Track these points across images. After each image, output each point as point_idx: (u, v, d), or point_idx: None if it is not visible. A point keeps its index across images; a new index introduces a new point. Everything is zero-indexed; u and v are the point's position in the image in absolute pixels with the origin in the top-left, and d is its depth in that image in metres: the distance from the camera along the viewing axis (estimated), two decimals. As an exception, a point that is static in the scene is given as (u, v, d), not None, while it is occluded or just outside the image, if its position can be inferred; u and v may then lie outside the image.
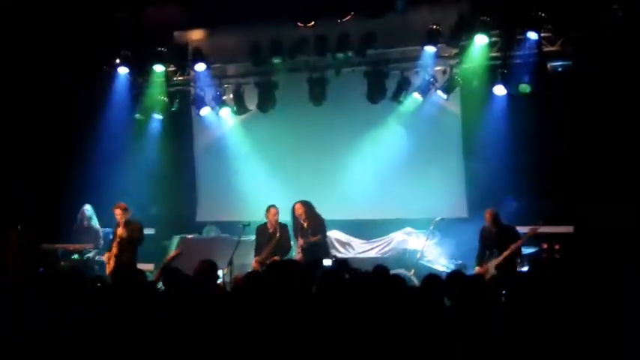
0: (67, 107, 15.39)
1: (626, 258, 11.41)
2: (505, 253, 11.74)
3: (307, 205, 13.03)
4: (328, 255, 12.63)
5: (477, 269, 12.02)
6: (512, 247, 11.77)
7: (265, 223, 13.08)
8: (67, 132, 15.48)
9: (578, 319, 5.71)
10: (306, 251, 12.66)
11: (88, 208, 14.42)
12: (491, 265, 11.79)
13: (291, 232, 13.21)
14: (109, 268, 12.67)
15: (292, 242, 13.20)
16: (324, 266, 10.14)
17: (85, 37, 14.88)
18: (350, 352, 5.50)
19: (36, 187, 15.33)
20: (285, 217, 13.25)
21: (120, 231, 12.68)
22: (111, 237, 13.21)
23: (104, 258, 13.08)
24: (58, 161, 15.45)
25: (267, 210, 13.04)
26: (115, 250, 12.68)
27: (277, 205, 13.11)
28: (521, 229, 12.09)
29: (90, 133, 15.32)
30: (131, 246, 12.76)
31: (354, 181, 14.92)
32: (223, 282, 12.01)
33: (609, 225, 12.31)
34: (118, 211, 12.79)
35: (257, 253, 13.01)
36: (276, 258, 12.30)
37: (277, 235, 12.92)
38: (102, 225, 14.46)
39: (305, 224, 12.94)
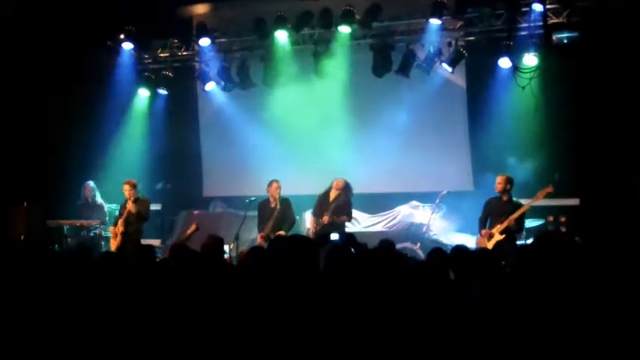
0: (71, 83, 15.36)
1: (632, 232, 11.40)
2: (513, 216, 11.50)
3: (348, 185, 13.06)
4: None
5: (479, 238, 11.96)
6: (522, 209, 11.58)
7: (267, 199, 13.08)
8: (72, 108, 15.46)
9: (584, 291, 5.70)
10: (327, 229, 12.47)
11: (91, 185, 14.42)
12: (496, 230, 11.66)
13: (301, 208, 13.21)
14: (114, 244, 12.71)
15: (297, 217, 13.26)
16: (332, 240, 10.15)
17: (90, 12, 14.82)
18: (356, 326, 5.51)
19: (41, 163, 15.33)
20: (288, 192, 13.25)
21: (129, 205, 12.70)
22: (117, 213, 13.24)
23: (110, 231, 13.12)
24: (62, 138, 15.43)
25: (269, 184, 13.03)
26: (120, 226, 12.70)
27: (282, 179, 13.11)
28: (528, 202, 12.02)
29: (95, 109, 15.31)
30: (138, 223, 12.79)
31: (360, 155, 14.92)
32: (230, 257, 12.05)
33: (616, 198, 12.31)
34: (126, 187, 12.78)
35: (260, 228, 13.03)
36: (281, 232, 12.34)
37: (278, 208, 12.92)
38: (106, 201, 14.47)
39: (333, 195, 12.97)
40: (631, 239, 10.92)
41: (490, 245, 11.46)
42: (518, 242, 11.81)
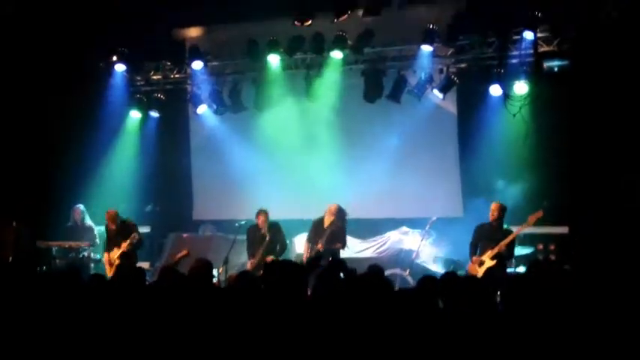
0: (63, 104, 15.35)
1: (621, 260, 11.41)
2: (504, 242, 11.53)
3: (341, 209, 13.01)
4: None
5: (469, 265, 11.94)
6: (513, 234, 11.63)
7: (256, 224, 13.08)
8: (63, 129, 15.45)
9: (573, 319, 5.71)
10: (322, 255, 12.31)
11: (81, 208, 14.40)
12: (487, 257, 11.65)
13: (291, 232, 13.20)
14: (110, 271, 12.74)
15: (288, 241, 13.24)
16: (321, 266, 10.14)
17: (82, 34, 14.84)
18: (344, 352, 5.50)
19: (31, 183, 15.29)
20: (278, 216, 13.24)
21: (124, 246, 12.80)
22: (106, 236, 13.27)
23: (104, 259, 13.12)
24: (53, 158, 15.43)
25: (257, 215, 13.07)
26: (117, 260, 12.74)
27: (272, 203, 13.12)
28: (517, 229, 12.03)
29: (86, 131, 15.30)
30: (133, 252, 12.86)
31: (350, 179, 14.91)
32: (219, 281, 12.01)
33: (605, 226, 12.33)
34: (107, 216, 13.08)
35: (249, 253, 13.04)
36: (271, 257, 12.34)
37: (268, 237, 12.91)
38: (96, 222, 14.44)
39: (328, 222, 12.92)
40: (617, 267, 10.95)
41: (481, 272, 11.46)
42: (508, 270, 11.81)
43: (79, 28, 14.75)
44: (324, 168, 15.14)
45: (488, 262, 11.58)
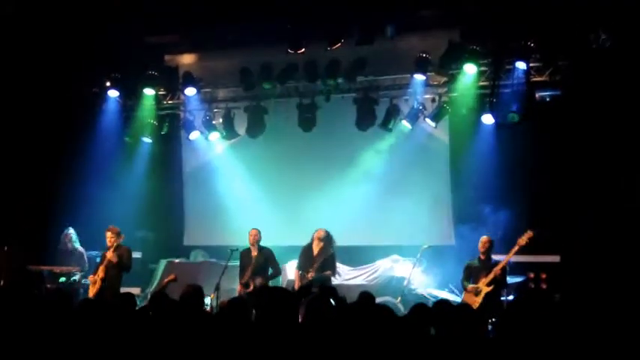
0: (56, 129, 15.37)
1: (612, 288, 11.44)
2: (498, 267, 11.56)
3: (329, 235, 12.93)
4: None
5: (465, 295, 11.93)
6: (508, 256, 11.61)
7: (249, 247, 13.06)
8: (56, 153, 15.46)
9: (564, 347, 5.71)
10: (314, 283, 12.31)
11: (71, 232, 14.35)
12: (482, 284, 11.64)
13: (284, 259, 13.18)
14: (93, 290, 12.62)
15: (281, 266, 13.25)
16: (312, 293, 10.12)
17: (75, 59, 14.87)
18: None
19: (23, 207, 15.27)
20: (270, 242, 13.23)
21: (109, 255, 12.63)
22: (98, 260, 13.20)
23: (89, 279, 13.04)
24: (46, 182, 15.42)
25: (249, 232, 13.05)
26: (101, 273, 12.63)
27: (264, 230, 13.10)
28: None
29: (79, 156, 15.29)
30: (117, 270, 12.70)
31: (342, 207, 14.91)
32: (211, 307, 11.97)
33: (597, 254, 12.36)
34: (109, 234, 12.78)
35: (240, 276, 12.99)
36: (256, 282, 12.35)
37: (256, 255, 12.90)
38: (87, 248, 14.38)
39: (317, 250, 12.84)
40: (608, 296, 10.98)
41: (479, 299, 11.45)
42: (501, 298, 11.82)
43: (72, 54, 14.78)
44: (315, 195, 15.19)
45: (485, 289, 11.57)
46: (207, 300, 11.66)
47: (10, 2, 13.95)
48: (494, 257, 11.89)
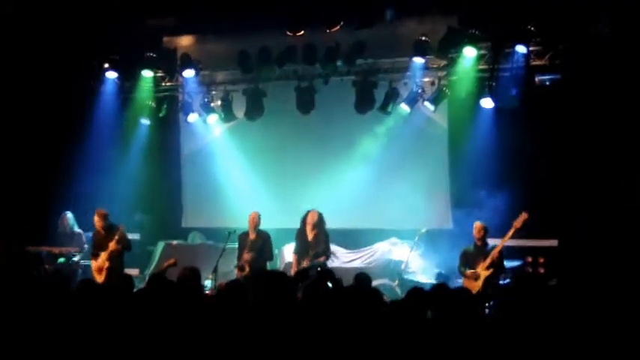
0: (54, 111, 15.34)
1: (610, 272, 11.45)
2: (495, 250, 11.58)
3: (321, 217, 12.81)
4: None
5: (464, 281, 11.92)
6: (504, 239, 11.62)
7: (248, 231, 13.06)
8: (54, 135, 15.44)
9: (561, 332, 5.72)
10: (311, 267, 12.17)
11: (69, 216, 14.32)
12: (481, 268, 11.65)
13: (281, 241, 13.16)
14: (101, 278, 12.68)
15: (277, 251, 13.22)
16: (310, 276, 10.13)
17: (74, 41, 14.83)
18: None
19: (21, 190, 15.27)
20: (268, 225, 13.23)
21: (112, 246, 12.72)
22: (92, 242, 13.24)
23: (92, 265, 13.07)
24: (44, 164, 15.41)
25: (249, 215, 13.05)
26: (106, 262, 12.70)
27: (262, 212, 13.09)
28: (507, 242, 12.01)
29: (77, 137, 15.28)
30: (120, 255, 12.81)
31: (340, 190, 14.90)
32: (211, 290, 11.97)
33: (594, 238, 12.38)
34: (96, 219, 13.00)
35: (237, 259, 12.99)
36: (249, 255, 12.40)
37: (253, 238, 12.89)
38: (85, 229, 14.38)
39: (311, 235, 12.76)
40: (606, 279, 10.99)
41: (479, 283, 11.46)
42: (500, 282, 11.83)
43: (71, 35, 14.75)
44: (314, 178, 15.20)
45: (484, 273, 11.58)
46: (205, 282, 11.67)
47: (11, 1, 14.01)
48: (491, 242, 11.91)
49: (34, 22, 14.61)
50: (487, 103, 13.35)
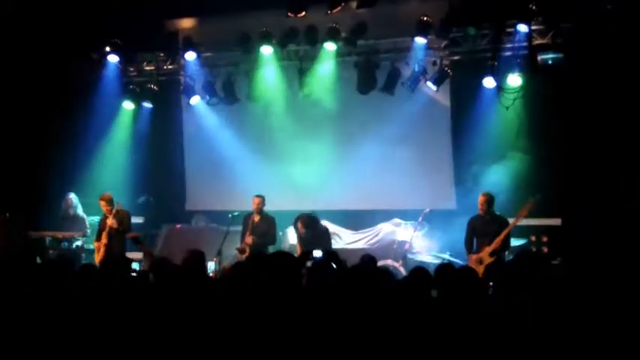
0: (55, 95, 15.33)
1: (613, 252, 11.45)
2: (499, 237, 11.59)
3: (309, 221, 12.76)
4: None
5: (471, 257, 11.95)
6: (507, 229, 11.65)
7: (251, 213, 13.09)
8: (56, 119, 15.43)
9: (565, 311, 5.73)
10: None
11: (72, 197, 14.37)
12: (485, 253, 11.68)
13: (285, 223, 13.22)
14: (98, 257, 12.76)
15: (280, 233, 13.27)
16: (314, 257, 10.14)
17: (76, 24, 14.80)
18: (338, 342, 5.51)
19: (24, 174, 15.28)
20: (271, 207, 13.26)
21: (110, 221, 12.76)
22: (98, 226, 13.28)
23: (94, 246, 13.13)
24: (46, 148, 15.41)
25: (253, 199, 13.09)
26: (105, 239, 12.75)
27: (265, 194, 13.12)
28: (510, 221, 12.03)
29: (79, 121, 15.29)
30: (120, 235, 12.85)
31: (343, 171, 14.94)
32: (215, 273, 12.01)
33: (598, 218, 12.36)
34: (102, 203, 13.04)
35: (240, 241, 13.03)
36: (250, 239, 12.38)
37: (256, 221, 12.94)
38: (88, 213, 14.43)
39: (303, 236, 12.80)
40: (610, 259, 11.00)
41: (482, 269, 11.44)
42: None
43: (73, 19, 14.71)
44: (316, 159, 15.19)
45: (488, 259, 11.60)
46: (210, 265, 11.69)
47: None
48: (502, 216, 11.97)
49: (36, 6, 14.57)
50: (489, 82, 13.31)
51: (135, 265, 8.76)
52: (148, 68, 15.91)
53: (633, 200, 12.19)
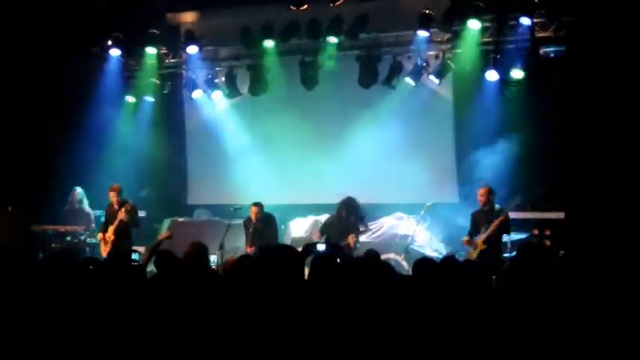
0: (58, 89, 15.33)
1: (616, 245, 11.45)
2: (492, 226, 11.62)
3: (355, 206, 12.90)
4: None
5: (464, 239, 12.01)
6: (497, 221, 11.66)
7: (250, 217, 13.11)
8: (58, 113, 15.43)
9: (566, 304, 5.73)
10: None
11: (79, 191, 14.41)
12: (480, 240, 11.73)
13: (286, 217, 13.21)
14: (105, 250, 12.74)
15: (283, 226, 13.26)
16: (317, 250, 10.15)
17: (77, 18, 14.80)
18: (341, 335, 5.51)
19: (27, 168, 15.28)
20: (272, 202, 13.26)
21: (121, 214, 12.75)
22: (102, 219, 13.28)
23: (98, 237, 13.13)
24: (48, 143, 15.41)
25: (250, 208, 13.09)
26: (112, 235, 12.74)
27: (267, 188, 13.15)
28: (513, 215, 12.05)
29: (81, 115, 15.27)
30: (128, 229, 12.85)
31: (345, 165, 14.90)
32: (217, 266, 12.01)
33: (601, 211, 12.36)
34: (112, 194, 13.06)
35: (245, 243, 13.04)
36: (251, 250, 12.42)
37: (257, 227, 12.95)
38: (92, 208, 14.44)
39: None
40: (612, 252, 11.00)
41: (474, 255, 11.54)
42: (505, 255, 11.86)
43: (75, 13, 14.71)
44: (318, 153, 15.18)
45: (480, 247, 11.65)
46: (212, 258, 11.69)
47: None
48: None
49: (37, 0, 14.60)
50: (492, 75, 13.30)
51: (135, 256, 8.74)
52: (149, 62, 15.89)
53: (634, 196, 12.20)
